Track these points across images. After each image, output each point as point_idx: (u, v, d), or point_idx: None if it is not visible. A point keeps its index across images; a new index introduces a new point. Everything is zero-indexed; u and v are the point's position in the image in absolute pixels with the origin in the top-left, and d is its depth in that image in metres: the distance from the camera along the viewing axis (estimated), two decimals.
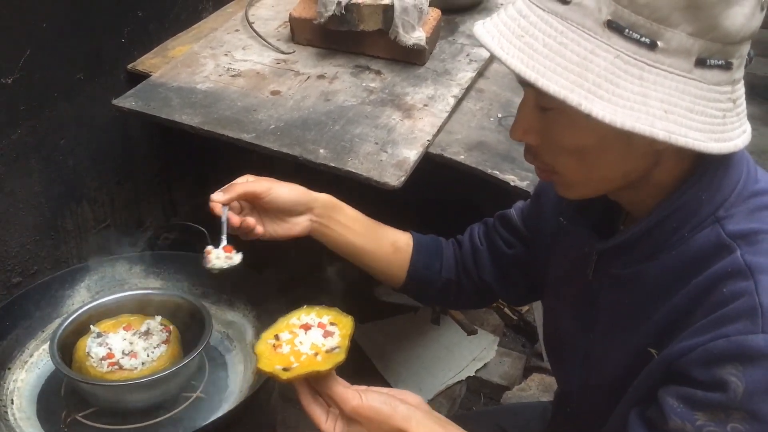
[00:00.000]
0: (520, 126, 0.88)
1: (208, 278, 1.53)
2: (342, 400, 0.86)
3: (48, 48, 1.50)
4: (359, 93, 1.65)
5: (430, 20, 1.78)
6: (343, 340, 0.92)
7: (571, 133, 0.83)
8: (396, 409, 0.87)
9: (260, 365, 0.90)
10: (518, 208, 1.23)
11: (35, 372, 1.38)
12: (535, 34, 0.77)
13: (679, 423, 0.80)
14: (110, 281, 1.53)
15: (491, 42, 0.80)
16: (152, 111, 1.55)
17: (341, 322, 0.95)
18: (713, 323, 0.80)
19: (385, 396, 0.88)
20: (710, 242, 0.84)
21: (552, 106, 0.82)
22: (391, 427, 0.86)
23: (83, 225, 1.70)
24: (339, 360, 0.88)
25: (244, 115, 1.55)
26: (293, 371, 0.88)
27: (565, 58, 0.75)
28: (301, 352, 0.91)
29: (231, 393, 1.37)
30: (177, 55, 1.76)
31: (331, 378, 0.88)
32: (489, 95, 1.72)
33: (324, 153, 1.45)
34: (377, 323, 2.34)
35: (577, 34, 0.76)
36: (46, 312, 1.45)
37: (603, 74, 0.75)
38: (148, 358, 1.29)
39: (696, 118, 0.76)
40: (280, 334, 0.94)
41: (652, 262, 0.89)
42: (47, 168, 1.57)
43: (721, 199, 0.85)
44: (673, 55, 0.74)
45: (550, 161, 0.89)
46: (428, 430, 0.87)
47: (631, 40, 0.74)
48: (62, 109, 1.57)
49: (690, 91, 0.76)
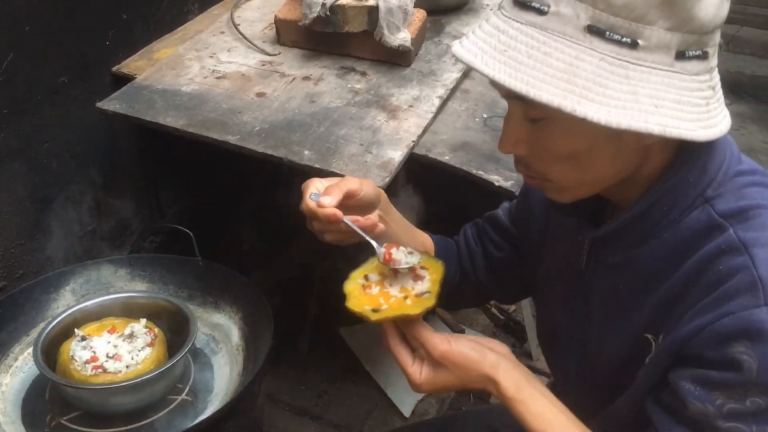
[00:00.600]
0: (509, 139, 0.88)
1: (194, 280, 1.54)
2: (431, 345, 0.87)
3: (32, 51, 1.49)
4: (344, 94, 1.65)
5: (415, 21, 1.78)
6: (434, 285, 0.91)
7: (563, 140, 0.84)
8: (485, 356, 0.88)
9: (349, 304, 0.89)
10: (505, 209, 1.23)
11: (20, 376, 1.38)
12: (517, 47, 0.78)
13: (700, 406, 0.81)
14: (95, 284, 1.52)
15: (474, 60, 0.80)
16: (136, 114, 1.55)
17: (432, 267, 0.94)
18: (715, 302, 0.81)
19: (473, 343, 0.89)
20: (701, 223, 0.86)
21: (542, 116, 0.83)
22: (478, 374, 0.88)
23: (69, 228, 1.70)
24: (429, 305, 0.88)
25: (228, 117, 1.55)
26: (382, 313, 0.87)
27: (551, 67, 0.76)
28: (391, 294, 0.90)
29: (217, 395, 1.37)
30: (162, 58, 1.76)
31: (419, 322, 0.88)
32: (474, 96, 1.73)
33: (309, 154, 1.45)
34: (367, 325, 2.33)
35: (559, 42, 0.77)
36: (31, 316, 1.45)
37: (591, 78, 0.76)
38: (133, 361, 1.28)
39: (684, 109, 0.78)
40: (370, 275, 0.93)
41: (643, 248, 0.91)
42: (31, 171, 1.57)
43: (708, 179, 0.87)
44: (655, 51, 0.76)
45: (543, 169, 0.89)
46: (514, 379, 0.88)
47: (613, 42, 0.76)
48: (46, 112, 1.56)
49: (674, 83, 0.77)
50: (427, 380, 0.89)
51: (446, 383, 0.89)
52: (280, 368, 2.18)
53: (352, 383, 2.20)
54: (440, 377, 0.88)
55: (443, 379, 0.89)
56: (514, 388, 0.88)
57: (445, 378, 0.88)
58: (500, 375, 0.87)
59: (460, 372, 0.88)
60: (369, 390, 2.18)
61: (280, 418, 2.10)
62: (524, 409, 0.87)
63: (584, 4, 0.75)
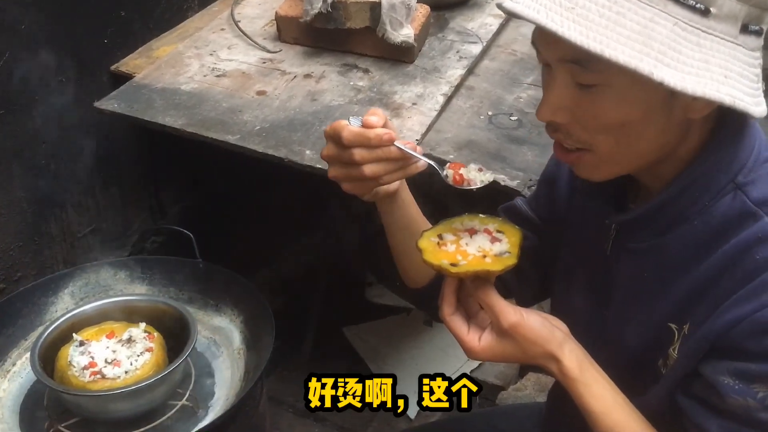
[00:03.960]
0: (551, 106, 0.83)
1: (195, 283, 1.52)
2: (502, 313, 0.85)
3: (28, 50, 1.46)
4: (347, 92, 1.62)
5: (418, 17, 1.75)
6: (513, 247, 0.89)
7: (617, 108, 0.80)
8: (553, 333, 0.87)
9: (426, 257, 0.87)
10: (523, 199, 1.20)
11: (18, 381, 1.36)
12: (586, 5, 0.74)
13: (740, 400, 0.80)
14: (95, 287, 1.50)
15: (538, 16, 0.75)
16: (135, 113, 1.52)
17: (509, 231, 0.92)
18: (753, 292, 0.79)
19: (543, 319, 0.88)
20: (734, 210, 0.84)
21: (595, 83, 0.79)
22: (543, 351, 0.87)
23: (68, 230, 1.67)
24: (511, 263, 0.87)
25: (229, 117, 1.52)
26: (462, 267, 0.86)
27: (625, 28, 0.73)
28: (468, 252, 0.89)
29: (218, 400, 1.35)
30: (161, 56, 1.73)
31: (493, 289, 0.86)
32: (479, 93, 1.69)
33: (310, 154, 1.42)
34: (370, 324, 2.32)
35: (632, 2, 0.74)
36: (29, 320, 1.43)
37: (666, 42, 0.74)
38: (132, 367, 1.26)
39: (745, 83, 0.77)
40: (444, 235, 0.91)
41: (672, 234, 0.88)
42: (29, 172, 1.54)
43: (738, 165, 0.85)
44: (723, 21, 0.75)
45: (587, 138, 0.85)
46: (578, 360, 0.87)
47: (687, 7, 0.74)
48: (43, 113, 1.54)
49: (739, 57, 0.77)
50: (487, 348, 0.88)
51: (506, 354, 0.88)
52: (284, 369, 2.16)
53: None
54: (502, 347, 0.87)
55: (504, 349, 0.87)
56: (578, 369, 0.87)
57: (507, 348, 0.87)
58: (565, 354, 0.87)
59: (526, 345, 0.86)
60: None
61: (284, 419, 2.08)
62: (586, 390, 0.87)
63: None
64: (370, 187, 0.97)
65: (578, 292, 1.06)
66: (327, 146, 0.94)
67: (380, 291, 2.34)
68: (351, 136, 0.90)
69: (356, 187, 0.96)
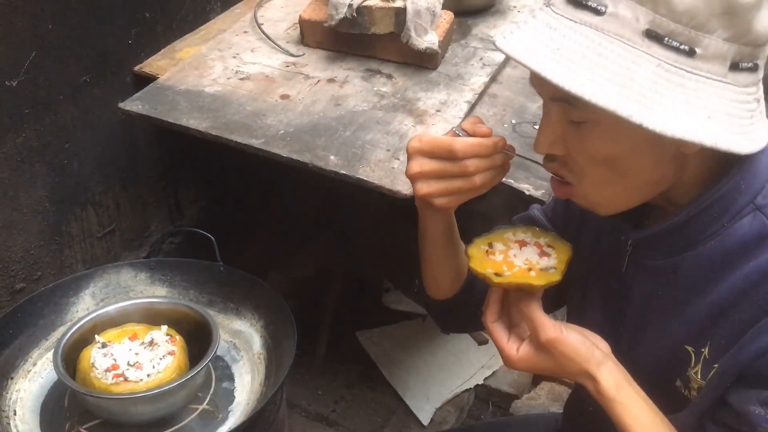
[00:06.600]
0: (546, 139, 0.86)
1: (215, 286, 1.51)
2: (541, 327, 0.85)
3: (53, 50, 1.46)
4: (370, 98, 1.62)
5: (442, 23, 1.75)
6: (560, 264, 0.90)
7: (605, 144, 0.82)
8: (593, 352, 0.87)
9: (472, 265, 0.89)
10: (540, 209, 1.20)
11: (38, 382, 1.35)
12: (570, 47, 0.76)
13: None
14: (115, 288, 1.50)
15: (524, 57, 0.78)
16: (159, 115, 1.52)
17: (559, 247, 0.93)
18: None
19: (583, 337, 0.87)
20: (753, 232, 0.84)
21: (585, 119, 0.81)
22: (581, 369, 0.86)
23: (88, 230, 1.67)
24: (554, 280, 0.87)
25: (252, 120, 1.52)
26: (505, 278, 0.87)
27: (606, 70, 0.74)
28: (515, 264, 0.90)
29: (238, 405, 1.34)
30: (184, 57, 1.73)
31: (536, 300, 0.87)
32: (503, 101, 1.69)
33: (335, 160, 1.42)
34: (384, 329, 2.31)
35: (616, 44, 0.75)
36: (50, 320, 1.42)
37: (647, 84, 0.74)
38: (154, 370, 1.25)
39: (733, 122, 0.77)
40: (495, 244, 0.93)
41: (689, 253, 0.88)
42: (52, 172, 1.54)
43: (758, 186, 0.85)
44: (710, 61, 0.75)
45: (578, 170, 0.87)
46: (615, 380, 0.87)
47: (671, 48, 0.74)
48: (67, 113, 1.54)
49: (726, 95, 0.76)
50: (524, 358, 0.88)
51: (543, 367, 0.88)
52: (297, 373, 2.16)
53: (370, 389, 2.17)
54: (539, 360, 0.88)
55: (541, 362, 0.88)
56: (615, 389, 0.86)
57: (543, 362, 0.87)
58: (602, 374, 0.86)
59: (563, 361, 0.86)
60: (386, 397, 2.15)
61: (297, 423, 2.07)
62: (623, 410, 0.86)
63: (645, 7, 0.73)
64: (470, 197, 0.95)
65: (593, 305, 1.06)
66: (417, 162, 0.91)
67: (397, 297, 2.33)
68: (467, 147, 0.89)
69: (453, 200, 0.94)
